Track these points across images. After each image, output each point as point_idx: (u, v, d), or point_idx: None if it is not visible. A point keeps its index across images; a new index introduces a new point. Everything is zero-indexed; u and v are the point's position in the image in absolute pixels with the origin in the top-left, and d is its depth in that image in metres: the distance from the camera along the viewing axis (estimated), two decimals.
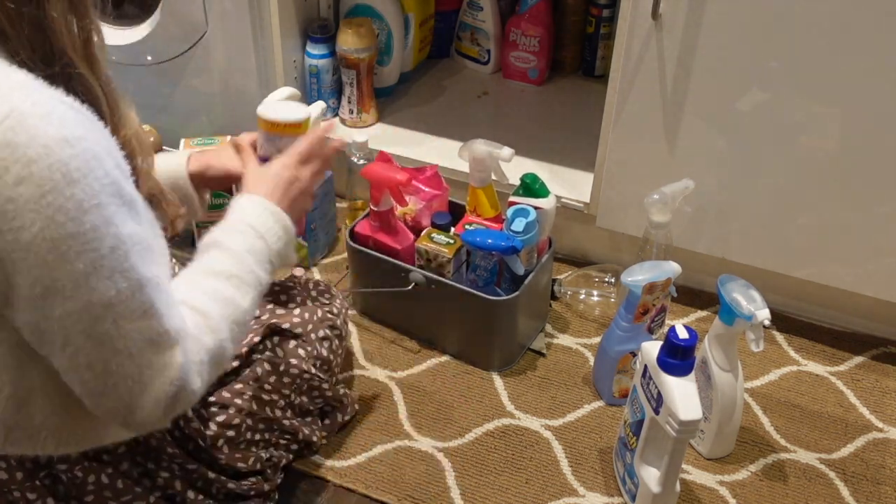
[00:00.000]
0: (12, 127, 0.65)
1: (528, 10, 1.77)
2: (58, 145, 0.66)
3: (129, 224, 0.72)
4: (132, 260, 0.72)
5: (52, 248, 0.67)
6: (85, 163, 0.68)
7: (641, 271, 1.13)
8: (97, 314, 0.71)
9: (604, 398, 1.23)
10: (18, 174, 0.65)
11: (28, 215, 0.66)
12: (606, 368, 1.20)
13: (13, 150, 0.65)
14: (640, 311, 1.14)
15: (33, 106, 0.67)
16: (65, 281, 0.69)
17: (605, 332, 1.20)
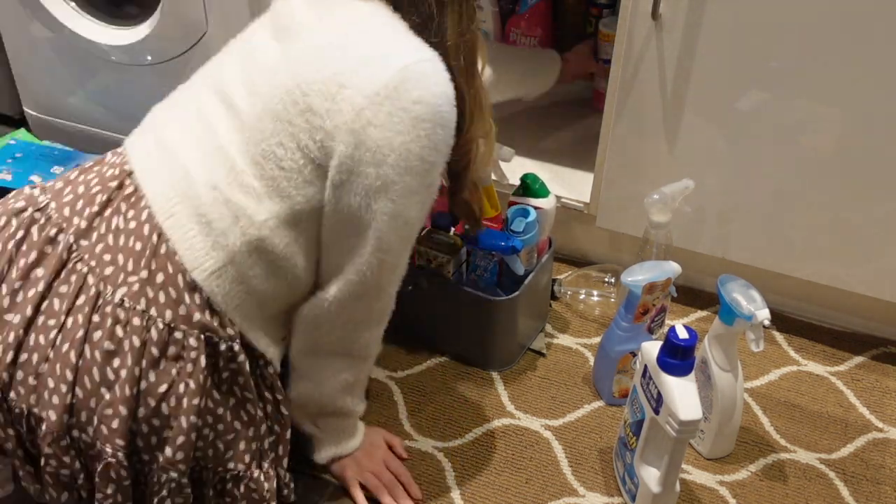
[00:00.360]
0: (431, 66, 0.87)
1: (528, 10, 1.77)
2: (446, 96, 0.88)
3: (437, 182, 0.93)
4: (429, 202, 0.93)
5: (406, 158, 0.86)
6: (451, 120, 0.89)
7: (641, 271, 1.13)
8: (396, 225, 0.90)
9: (604, 398, 1.24)
10: (420, 96, 0.85)
11: (408, 126, 0.85)
12: (607, 368, 1.20)
13: (425, 80, 0.86)
14: (641, 311, 1.14)
15: (439, 63, 0.88)
16: (399, 186, 0.88)
17: (605, 332, 1.20)
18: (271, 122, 0.88)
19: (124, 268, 0.89)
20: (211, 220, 0.89)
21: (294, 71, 0.88)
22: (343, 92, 0.85)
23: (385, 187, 0.88)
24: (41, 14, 1.65)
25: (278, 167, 0.88)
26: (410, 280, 1.28)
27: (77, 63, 1.71)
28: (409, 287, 1.28)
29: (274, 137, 0.88)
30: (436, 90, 0.86)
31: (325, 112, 0.86)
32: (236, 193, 0.89)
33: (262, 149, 0.88)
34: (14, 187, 1.59)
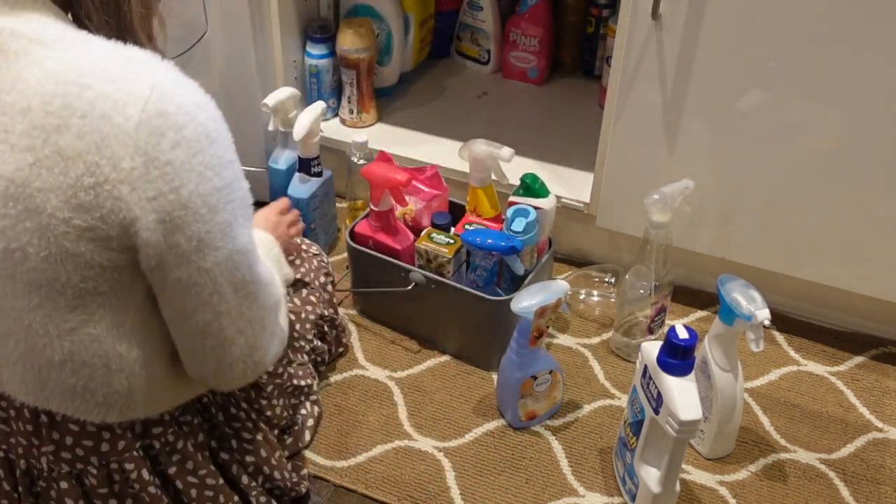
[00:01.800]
0: (160, 98, 0.71)
1: (528, 10, 1.77)
2: (196, 110, 0.74)
3: (245, 183, 0.81)
4: (250, 210, 0.82)
5: (204, 202, 0.74)
6: (217, 124, 0.77)
7: (529, 296, 1.11)
8: (237, 261, 0.79)
9: (511, 423, 1.23)
10: (173, 139, 0.72)
11: (184, 174, 0.73)
12: (509, 395, 1.19)
13: (165, 119, 0.71)
14: (535, 336, 1.13)
15: (166, 76, 0.73)
16: (215, 231, 0.76)
17: (503, 360, 1.19)
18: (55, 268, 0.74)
19: (31, 445, 0.88)
20: (86, 384, 0.81)
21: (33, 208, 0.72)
22: (99, 192, 0.71)
23: (202, 243, 0.76)
24: None
25: (98, 295, 0.77)
26: (410, 280, 1.29)
27: None
28: (409, 287, 1.29)
29: (72, 279, 0.75)
30: (180, 119, 0.72)
31: (98, 222, 0.72)
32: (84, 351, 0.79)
33: (69, 295, 0.76)
34: None
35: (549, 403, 1.23)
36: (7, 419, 0.88)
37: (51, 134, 0.70)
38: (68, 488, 0.89)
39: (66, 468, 0.88)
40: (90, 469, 0.88)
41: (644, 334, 1.31)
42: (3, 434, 0.89)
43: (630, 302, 1.29)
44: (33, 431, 0.87)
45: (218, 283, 0.78)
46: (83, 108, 0.70)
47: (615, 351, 1.36)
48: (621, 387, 1.30)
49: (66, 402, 0.82)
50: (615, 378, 1.31)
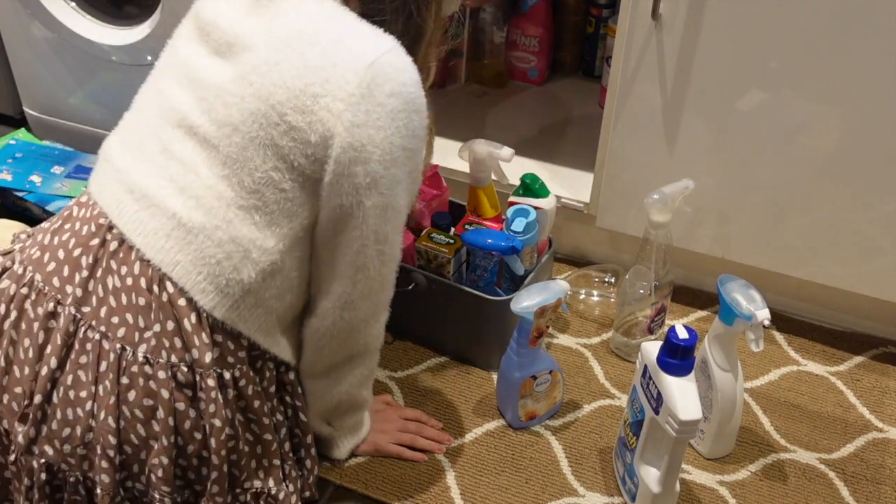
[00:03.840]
0: (395, 57, 0.87)
1: (528, 10, 1.77)
2: (416, 83, 0.89)
3: (420, 164, 0.95)
4: (414, 186, 0.96)
5: (391, 151, 0.88)
6: (423, 104, 0.91)
7: (530, 296, 1.11)
8: (389, 215, 0.92)
9: (511, 423, 1.23)
10: (393, 89, 0.86)
11: (387, 120, 0.87)
12: (509, 395, 1.19)
13: (393, 71, 0.86)
14: (535, 336, 1.13)
15: (401, 50, 0.88)
16: (386, 180, 0.89)
17: (503, 359, 1.19)
18: (257, 149, 0.87)
19: (136, 325, 0.89)
20: (220, 260, 0.89)
21: (262, 94, 0.86)
22: (319, 101, 0.85)
23: (374, 183, 0.89)
24: (41, 14, 1.65)
25: (278, 190, 0.89)
26: (410, 280, 1.29)
27: (77, 63, 1.71)
28: (409, 287, 1.29)
29: (266, 164, 0.87)
30: (405, 78, 0.87)
31: (307, 126, 0.86)
32: (241, 228, 0.89)
33: (256, 177, 0.88)
34: (14, 187, 1.59)
35: (549, 403, 1.23)
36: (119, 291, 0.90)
37: (303, 45, 0.86)
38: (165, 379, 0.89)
39: (164, 358, 0.89)
40: (182, 367, 0.89)
41: (644, 334, 1.31)
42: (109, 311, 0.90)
43: (630, 302, 1.29)
44: (143, 306, 0.89)
45: (368, 223, 0.91)
46: (337, 36, 0.87)
47: (615, 351, 1.36)
48: (621, 387, 1.30)
49: (192, 274, 0.88)
50: (615, 378, 1.31)
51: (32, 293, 0.92)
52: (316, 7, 0.89)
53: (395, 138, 0.87)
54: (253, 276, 0.90)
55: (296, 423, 1.04)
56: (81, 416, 0.90)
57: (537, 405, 1.21)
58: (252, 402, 0.95)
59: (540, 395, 1.20)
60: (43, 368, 0.90)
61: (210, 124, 0.89)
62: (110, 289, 0.90)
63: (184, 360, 0.89)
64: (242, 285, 0.90)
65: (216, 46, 0.92)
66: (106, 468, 0.89)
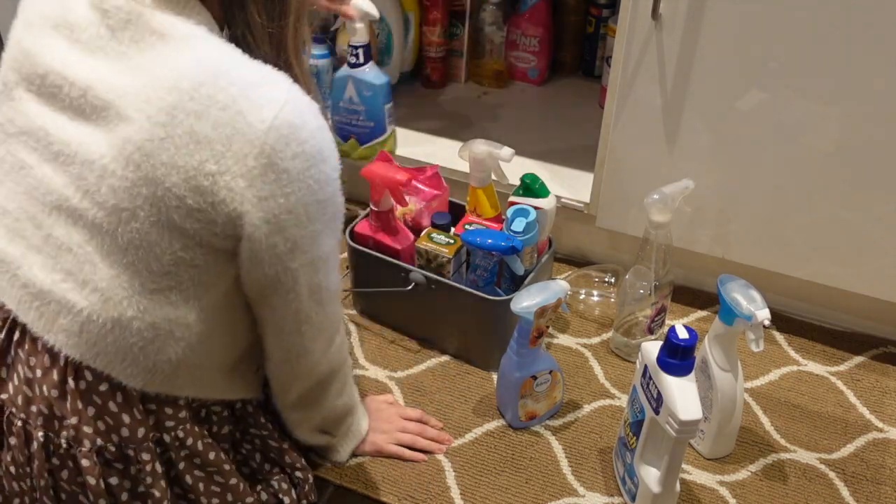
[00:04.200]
0: (292, 111, 0.80)
1: (528, 10, 1.77)
2: (319, 131, 0.83)
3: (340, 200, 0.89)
4: (339, 224, 0.90)
5: (305, 211, 0.83)
6: (330, 145, 0.85)
7: (529, 296, 1.10)
8: (318, 266, 0.89)
9: (511, 423, 1.23)
10: (295, 150, 0.80)
11: (296, 184, 0.81)
12: (509, 395, 1.19)
13: (293, 131, 0.79)
14: (535, 336, 1.13)
15: (299, 95, 0.82)
16: (307, 238, 0.85)
17: (503, 359, 1.19)
18: (160, 233, 0.80)
19: (53, 415, 0.87)
20: (143, 347, 0.85)
21: (153, 177, 0.78)
22: (218, 181, 0.78)
23: (295, 246, 0.85)
24: None
25: (191, 267, 0.84)
26: (410, 280, 1.29)
27: None
28: (409, 287, 1.29)
29: (173, 245, 0.81)
30: (304, 134, 0.80)
31: (210, 207, 0.79)
32: (157, 313, 0.84)
33: (165, 260, 0.82)
34: None
35: (549, 403, 1.23)
36: (32, 382, 0.87)
37: (189, 117, 0.77)
38: (90, 465, 0.88)
39: (87, 445, 0.87)
40: (109, 447, 0.88)
41: (644, 334, 1.31)
42: (26, 400, 0.88)
43: (630, 302, 1.29)
44: (58, 397, 0.87)
45: (298, 282, 0.88)
46: (224, 102, 0.77)
47: (615, 351, 1.36)
48: (621, 387, 1.30)
49: (115, 363, 0.85)
50: (615, 378, 1.31)
51: None
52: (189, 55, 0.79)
53: (307, 197, 0.82)
54: (180, 352, 0.87)
55: (267, 448, 1.04)
56: (26, 490, 0.91)
57: (537, 405, 1.21)
58: (206, 455, 0.94)
59: (540, 395, 1.20)
60: None
61: (97, 209, 0.80)
62: (23, 378, 0.88)
63: (110, 440, 0.88)
64: (170, 363, 0.87)
65: (73, 106, 0.81)
66: None
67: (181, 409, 0.91)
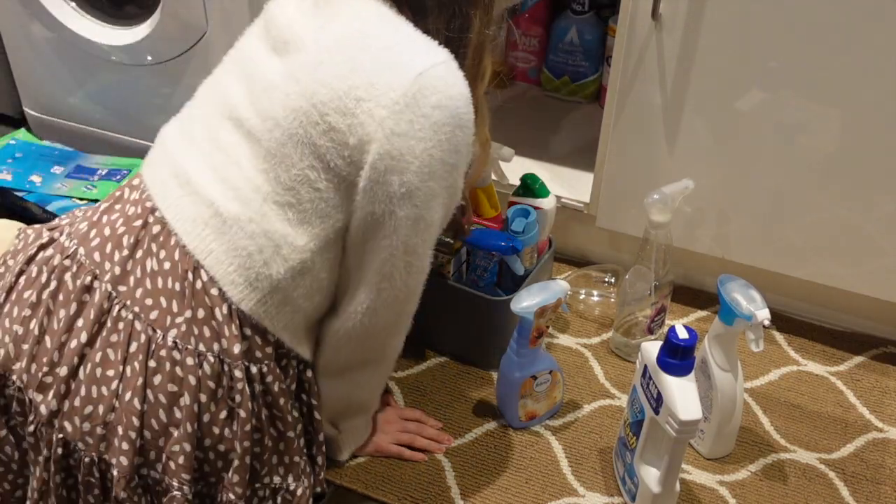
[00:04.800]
0: (447, 71, 0.86)
1: (528, 10, 1.77)
2: (463, 97, 0.87)
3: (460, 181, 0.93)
4: (452, 203, 0.93)
5: (429, 164, 0.87)
6: (470, 120, 0.89)
7: (529, 296, 1.10)
8: (419, 229, 0.91)
9: (511, 423, 1.23)
10: (439, 101, 0.85)
11: (429, 133, 0.85)
12: (509, 395, 1.19)
13: (442, 83, 0.85)
14: (535, 335, 1.13)
15: (453, 64, 0.87)
16: (422, 192, 0.88)
17: (503, 359, 1.19)
18: (295, 146, 0.87)
19: (169, 310, 0.89)
20: (251, 253, 0.89)
21: (307, 92, 0.86)
22: (362, 105, 0.85)
23: (409, 194, 0.88)
24: (41, 14, 1.65)
25: (313, 189, 0.88)
26: None
27: (77, 63, 1.71)
28: None
29: (302, 161, 0.87)
30: (453, 92, 0.86)
31: (346, 128, 0.85)
32: (274, 223, 0.89)
33: (293, 174, 0.88)
34: (14, 187, 1.59)
35: (549, 403, 1.23)
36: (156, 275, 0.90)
37: (354, 47, 0.86)
38: (193, 366, 0.89)
39: (193, 345, 0.89)
40: (209, 356, 0.89)
41: (644, 334, 1.31)
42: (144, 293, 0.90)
43: (630, 302, 1.29)
44: (179, 292, 0.90)
45: (398, 233, 0.90)
46: (388, 43, 0.86)
47: (615, 351, 1.36)
48: (621, 387, 1.30)
49: (223, 264, 0.89)
50: (615, 378, 1.31)
51: (74, 265, 0.92)
52: (372, 12, 0.89)
53: (436, 151, 0.86)
54: (282, 272, 0.90)
55: (310, 421, 1.04)
56: (106, 395, 0.89)
57: (537, 405, 1.21)
58: (278, 399, 0.95)
59: (540, 395, 1.20)
60: (72, 341, 0.90)
61: (256, 118, 0.90)
62: (148, 271, 0.91)
63: (211, 349, 0.89)
64: (271, 280, 0.90)
65: (274, 44, 0.93)
66: (126, 450, 0.89)
67: (269, 345, 0.93)
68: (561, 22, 1.71)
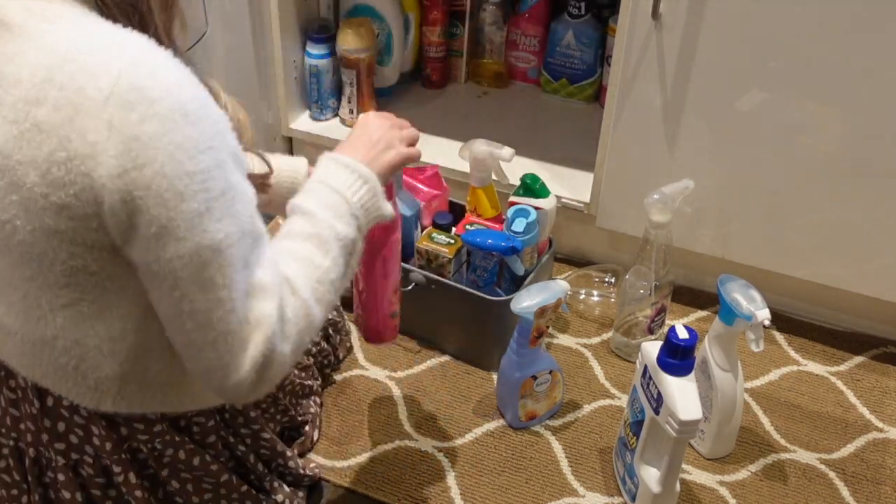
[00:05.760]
0: (137, 72, 0.68)
1: (528, 10, 1.77)
2: (177, 88, 0.70)
3: (237, 174, 0.74)
4: (238, 207, 0.73)
5: (170, 185, 0.68)
6: (201, 105, 0.71)
7: (529, 296, 1.10)
8: (206, 258, 0.71)
9: (511, 423, 1.23)
10: (143, 113, 0.67)
11: (150, 152, 0.68)
12: (509, 395, 1.19)
13: (139, 93, 0.68)
14: (535, 336, 1.13)
15: (153, 54, 0.71)
16: (179, 221, 0.69)
17: (503, 359, 1.19)
18: (42, 243, 0.73)
19: (38, 431, 0.87)
20: (76, 366, 0.80)
21: (14, 183, 0.70)
22: (71, 168, 0.68)
23: (163, 231, 0.70)
24: None
25: (88, 275, 0.75)
26: (410, 280, 1.29)
27: None
28: (409, 287, 1.29)
29: (59, 255, 0.73)
30: (155, 94, 0.68)
31: (73, 200, 0.70)
32: (76, 331, 0.78)
33: (58, 271, 0.74)
34: None
35: (549, 403, 1.23)
36: (17, 401, 0.88)
37: (31, 106, 0.68)
38: (65, 480, 0.88)
39: (62, 459, 0.87)
40: (86, 459, 0.87)
41: (644, 334, 1.31)
42: (14, 419, 0.88)
43: (630, 302, 1.29)
44: (38, 414, 0.86)
45: (179, 278, 0.71)
46: (62, 81, 0.68)
47: (615, 351, 1.36)
48: (621, 387, 1.30)
49: (60, 382, 0.81)
50: (615, 378, 1.31)
51: None
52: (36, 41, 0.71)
53: (171, 168, 0.68)
54: (117, 368, 0.80)
55: (257, 446, 1.02)
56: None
57: (537, 405, 1.21)
58: (190, 461, 0.91)
59: (540, 395, 1.20)
60: None
61: None
62: (9, 400, 0.89)
63: (86, 452, 0.87)
64: (112, 380, 0.81)
65: None
66: None
67: (154, 424, 0.88)
68: (558, 25, 1.70)
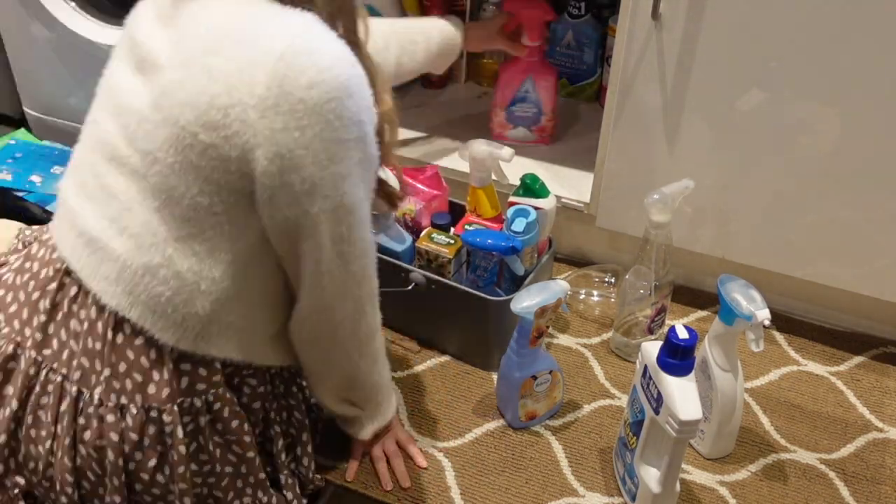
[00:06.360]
0: (310, 39, 0.77)
1: None
2: (339, 62, 0.78)
3: (372, 146, 0.85)
4: (369, 176, 0.86)
5: (325, 148, 0.78)
6: (360, 83, 0.80)
7: (529, 296, 1.10)
8: (340, 217, 0.84)
9: (511, 423, 1.23)
10: (311, 80, 0.76)
11: (313, 117, 0.77)
12: (509, 395, 1.19)
13: (309, 57, 0.76)
14: (535, 336, 1.13)
15: (324, 28, 0.79)
16: (327, 181, 0.80)
17: (503, 359, 1.19)
18: (179, 176, 0.81)
19: (92, 368, 0.88)
20: (170, 298, 0.85)
21: (171, 118, 0.80)
22: (230, 113, 0.77)
23: (314, 188, 0.80)
24: (41, 14, 1.65)
25: (211, 214, 0.82)
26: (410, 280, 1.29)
27: (77, 63, 1.71)
28: (409, 287, 1.29)
29: (191, 190, 0.81)
30: (324, 63, 0.77)
31: (223, 142, 0.78)
32: (183, 263, 0.84)
33: (185, 205, 0.82)
34: (14, 187, 1.59)
35: (549, 403, 1.23)
36: (78, 335, 0.88)
37: (206, 54, 0.78)
38: (114, 421, 0.88)
39: (114, 400, 0.88)
40: (131, 408, 0.88)
41: (644, 334, 1.31)
42: (70, 355, 0.89)
43: (630, 302, 1.29)
44: (99, 350, 0.87)
45: (319, 230, 0.83)
46: (238, 36, 0.78)
47: (615, 351, 1.36)
48: (621, 387, 1.30)
49: (147, 314, 0.85)
50: (615, 378, 1.31)
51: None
52: (221, 6, 0.81)
53: (327, 133, 0.78)
54: (207, 307, 0.86)
55: (289, 424, 1.03)
56: (42, 454, 0.90)
57: (537, 405, 1.21)
58: (230, 424, 0.93)
59: (540, 395, 1.20)
60: (5, 410, 0.90)
61: (135, 155, 0.84)
62: (71, 333, 0.89)
63: (134, 400, 0.88)
64: (199, 318, 0.86)
65: (137, 64, 0.86)
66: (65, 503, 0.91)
67: (216, 373, 0.90)
68: (558, 25, 1.71)
